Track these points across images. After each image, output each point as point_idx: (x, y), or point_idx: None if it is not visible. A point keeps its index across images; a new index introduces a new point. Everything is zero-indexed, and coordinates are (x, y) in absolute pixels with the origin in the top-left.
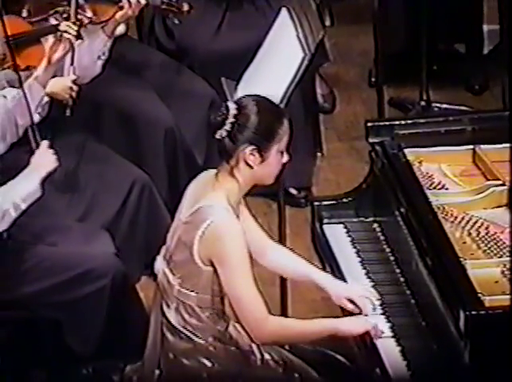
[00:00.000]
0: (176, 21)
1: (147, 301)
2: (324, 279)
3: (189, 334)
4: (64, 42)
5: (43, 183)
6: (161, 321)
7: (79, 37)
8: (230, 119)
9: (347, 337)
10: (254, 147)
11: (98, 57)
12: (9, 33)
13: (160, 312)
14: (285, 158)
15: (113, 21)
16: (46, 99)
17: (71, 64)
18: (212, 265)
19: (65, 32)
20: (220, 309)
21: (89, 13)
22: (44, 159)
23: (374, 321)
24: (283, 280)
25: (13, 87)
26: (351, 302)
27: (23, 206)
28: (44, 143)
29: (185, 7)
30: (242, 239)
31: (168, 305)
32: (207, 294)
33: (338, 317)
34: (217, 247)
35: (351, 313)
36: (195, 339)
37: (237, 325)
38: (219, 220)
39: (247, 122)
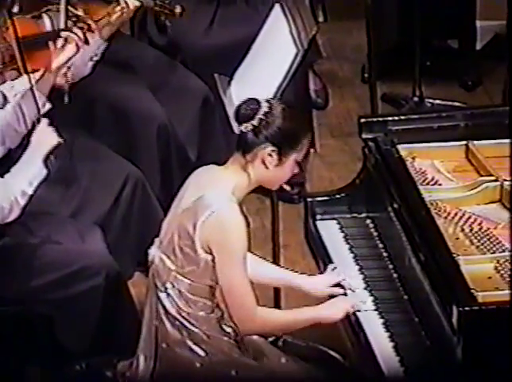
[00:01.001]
0: (168, 23)
1: (139, 297)
2: (299, 279)
3: (184, 322)
4: (66, 48)
5: (46, 161)
6: (156, 310)
7: (86, 42)
8: (260, 115)
9: (336, 327)
10: (274, 148)
11: (91, 58)
12: (19, 35)
13: (156, 298)
14: (296, 169)
15: (108, 23)
16: (48, 106)
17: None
18: (211, 253)
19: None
20: (213, 301)
21: (80, 11)
22: (44, 136)
23: (354, 299)
24: None
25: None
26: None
27: (30, 191)
28: (44, 120)
29: (178, 9)
30: (242, 230)
31: (164, 291)
32: (201, 284)
33: None
34: (217, 234)
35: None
36: (190, 327)
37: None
38: (222, 209)
39: (276, 122)
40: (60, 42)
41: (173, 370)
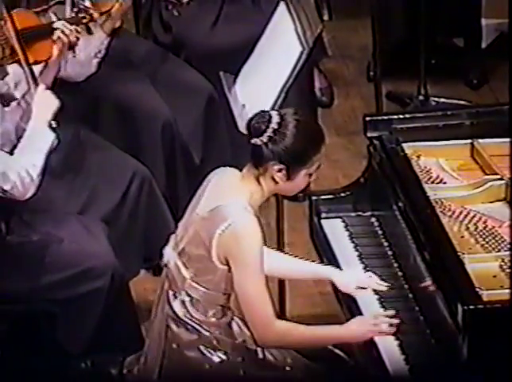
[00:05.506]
0: (176, 13)
1: (146, 295)
2: (329, 271)
3: (195, 325)
4: (58, 42)
5: (51, 126)
6: (168, 312)
7: (89, 31)
8: (269, 133)
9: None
10: (282, 166)
11: (95, 55)
12: (19, 27)
13: (167, 302)
14: (313, 177)
15: (110, 18)
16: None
17: None
18: (227, 264)
19: (61, 30)
20: (225, 306)
21: (87, 3)
22: (45, 101)
23: (380, 320)
24: None
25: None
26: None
27: (40, 161)
28: (41, 86)
29: None
30: (258, 242)
31: (175, 297)
32: (217, 292)
33: (336, 314)
34: (235, 246)
35: (349, 307)
36: (201, 330)
37: (238, 320)
38: (240, 221)
39: (283, 141)
40: (56, 34)
41: (182, 370)
